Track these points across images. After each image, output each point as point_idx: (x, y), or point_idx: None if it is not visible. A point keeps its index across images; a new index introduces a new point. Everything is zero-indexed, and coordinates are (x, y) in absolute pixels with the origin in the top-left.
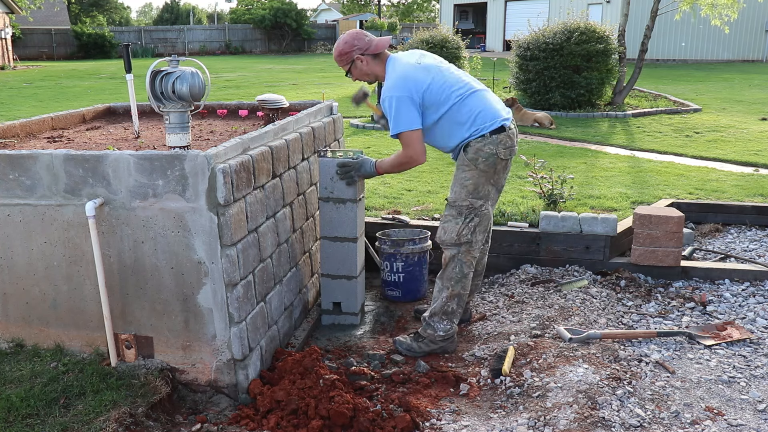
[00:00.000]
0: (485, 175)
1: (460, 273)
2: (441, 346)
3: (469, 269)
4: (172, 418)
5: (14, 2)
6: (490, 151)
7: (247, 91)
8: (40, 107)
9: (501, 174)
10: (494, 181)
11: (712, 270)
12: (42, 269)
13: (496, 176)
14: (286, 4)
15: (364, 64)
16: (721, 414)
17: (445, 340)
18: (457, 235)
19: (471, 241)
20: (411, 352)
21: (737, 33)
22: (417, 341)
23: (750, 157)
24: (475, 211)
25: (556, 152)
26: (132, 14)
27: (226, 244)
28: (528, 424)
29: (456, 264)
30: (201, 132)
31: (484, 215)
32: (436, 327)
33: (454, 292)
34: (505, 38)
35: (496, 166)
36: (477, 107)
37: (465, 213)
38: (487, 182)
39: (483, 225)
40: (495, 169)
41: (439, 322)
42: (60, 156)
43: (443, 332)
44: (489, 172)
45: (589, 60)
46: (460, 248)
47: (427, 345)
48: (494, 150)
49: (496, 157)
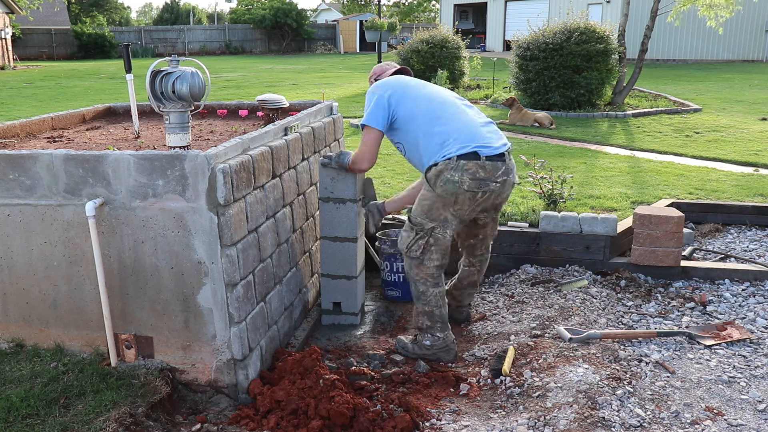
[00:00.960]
0: (442, 200)
1: (417, 291)
2: (433, 353)
3: (425, 287)
4: (172, 418)
5: (14, 2)
6: (450, 178)
7: (248, 91)
8: (40, 107)
9: (465, 207)
10: (454, 212)
11: (712, 270)
12: (42, 269)
13: (456, 207)
14: (286, 4)
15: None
16: (721, 414)
17: (434, 349)
18: (407, 248)
19: (421, 259)
20: (405, 352)
21: (737, 33)
22: (413, 343)
23: (750, 157)
24: (426, 232)
25: (556, 152)
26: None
27: (226, 244)
28: (528, 424)
29: (412, 282)
30: (201, 132)
31: (437, 239)
32: (424, 337)
33: (419, 309)
34: (505, 38)
35: (457, 197)
36: (451, 124)
37: (416, 230)
38: (443, 208)
39: (439, 249)
40: (456, 200)
41: (423, 334)
42: (60, 156)
43: (429, 342)
44: (447, 200)
45: (589, 60)
46: (411, 262)
47: (420, 350)
48: (456, 177)
49: (457, 186)
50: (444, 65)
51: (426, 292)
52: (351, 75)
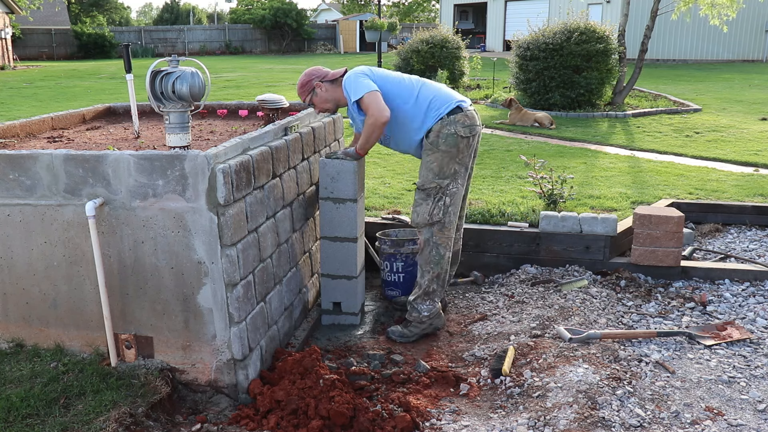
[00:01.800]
0: (448, 155)
1: (437, 255)
2: (429, 323)
3: (445, 250)
4: (172, 418)
5: (14, 2)
6: (449, 132)
7: (248, 91)
8: (40, 107)
9: (465, 153)
10: (459, 160)
11: (712, 270)
12: (42, 269)
13: (459, 155)
14: (286, 4)
15: (323, 91)
16: (721, 414)
17: (431, 318)
18: (429, 215)
19: (443, 221)
20: (404, 338)
21: (737, 33)
22: (407, 327)
23: (750, 157)
24: (443, 191)
25: (556, 152)
26: (132, 14)
27: (226, 244)
28: (528, 424)
29: (432, 247)
30: (201, 132)
31: (453, 194)
32: (420, 308)
33: (434, 273)
34: (505, 38)
35: (458, 145)
36: (428, 96)
37: (433, 194)
38: (451, 161)
39: (455, 205)
40: (458, 148)
41: (421, 303)
42: (60, 156)
43: (427, 312)
44: (452, 152)
45: (589, 60)
46: (433, 228)
47: (417, 327)
48: (453, 130)
49: (456, 137)
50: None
51: (445, 255)
52: None
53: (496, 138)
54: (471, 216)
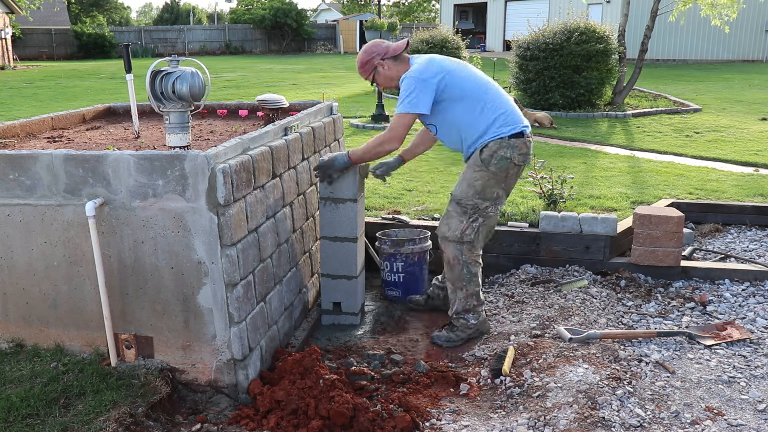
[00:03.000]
0: (495, 177)
1: (469, 273)
2: (476, 329)
3: (476, 268)
4: (172, 418)
5: (14, 2)
6: (504, 155)
7: (247, 91)
8: (40, 107)
9: (512, 179)
10: (504, 186)
11: (712, 270)
12: (42, 269)
13: (507, 181)
14: (286, 4)
15: (386, 69)
16: (721, 414)
17: (477, 324)
18: (461, 233)
19: (473, 241)
20: (451, 343)
21: (737, 33)
22: (453, 331)
23: (750, 157)
24: (480, 212)
25: (556, 152)
26: (132, 14)
27: (226, 244)
28: (528, 424)
29: (462, 266)
30: (201, 132)
31: (488, 217)
32: (467, 318)
33: (469, 291)
34: (505, 38)
35: (509, 171)
36: (500, 108)
37: (470, 212)
38: (497, 185)
39: (487, 227)
40: (507, 174)
41: (467, 314)
42: (60, 156)
43: (474, 320)
44: (500, 176)
45: (589, 60)
46: (463, 247)
47: (463, 332)
48: (509, 154)
49: (509, 162)
50: None
51: (477, 273)
52: (351, 75)
53: None
54: None
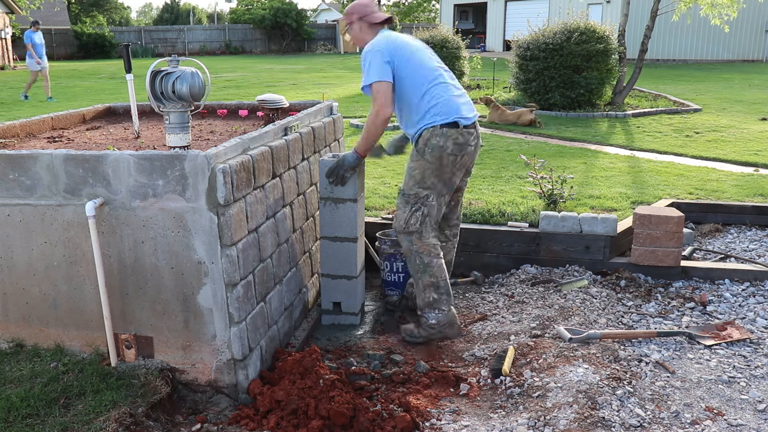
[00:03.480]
0: (431, 166)
1: (422, 263)
2: (438, 331)
3: (429, 258)
4: (172, 418)
5: (14, 2)
6: (436, 143)
7: (247, 91)
8: (40, 107)
9: (450, 169)
10: (440, 175)
11: (712, 270)
12: (42, 269)
13: (442, 170)
14: (286, 4)
15: (357, 29)
16: (721, 414)
17: (439, 326)
18: (405, 222)
19: (420, 231)
20: (411, 337)
21: (737, 33)
22: (417, 327)
23: (750, 157)
24: (421, 201)
25: (556, 152)
26: (132, 14)
27: (226, 244)
28: (528, 424)
29: (414, 256)
30: (201, 132)
31: (431, 206)
32: (428, 316)
33: (425, 282)
34: (505, 38)
35: (442, 160)
36: (437, 98)
37: (411, 202)
38: (432, 174)
39: (432, 216)
40: (441, 163)
41: (428, 312)
42: (60, 156)
43: (434, 320)
44: (434, 164)
45: (589, 60)
46: (411, 237)
47: (425, 331)
48: (442, 143)
49: (442, 150)
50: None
51: (431, 262)
52: (351, 75)
53: (496, 138)
54: (471, 216)
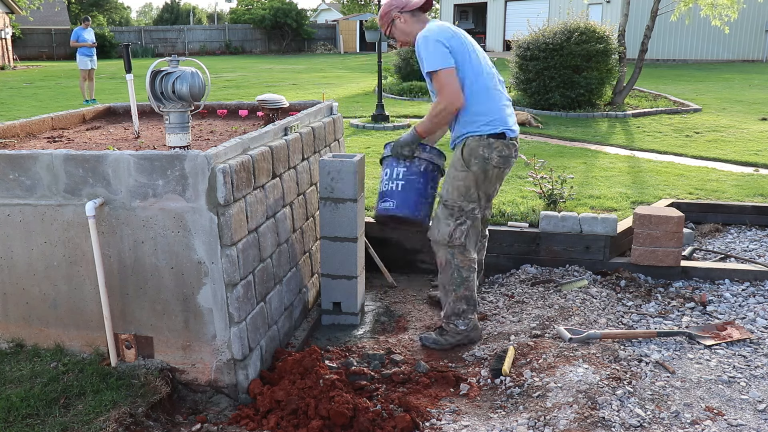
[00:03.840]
0: (477, 179)
1: (460, 277)
2: (465, 335)
3: (468, 272)
4: (172, 418)
5: (14, 2)
6: (482, 154)
7: (247, 91)
8: (40, 107)
9: (492, 182)
10: (485, 188)
11: (712, 270)
12: (42, 269)
13: (487, 183)
14: (286, 4)
15: (402, 22)
16: (721, 414)
17: (467, 331)
18: (450, 237)
19: (464, 244)
20: (437, 345)
21: (737, 33)
22: (441, 335)
23: (750, 157)
24: (466, 214)
25: (556, 152)
26: (132, 14)
27: (226, 244)
28: (528, 424)
29: (453, 269)
30: (201, 132)
31: (475, 218)
32: (456, 323)
33: (458, 294)
34: (505, 38)
35: (487, 173)
36: (489, 106)
37: (456, 215)
38: (478, 187)
39: (475, 231)
40: (486, 175)
41: (456, 319)
42: (60, 156)
43: (463, 327)
44: (480, 177)
45: (589, 60)
46: (454, 251)
47: (452, 337)
48: (488, 154)
49: (487, 162)
50: None
51: (469, 277)
52: (351, 75)
53: None
54: None
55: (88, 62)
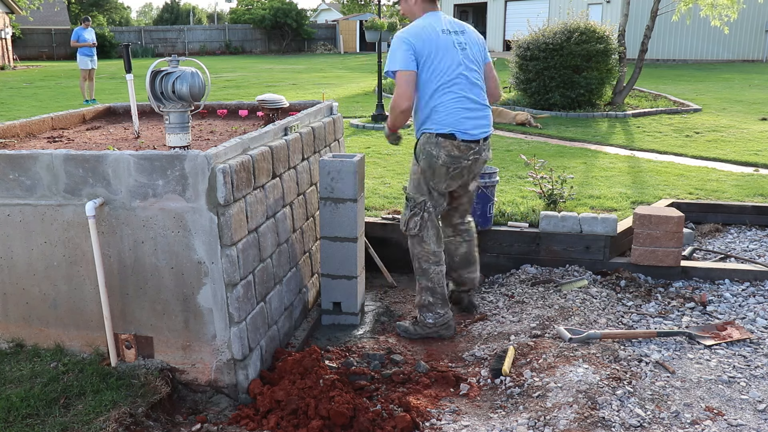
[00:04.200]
0: (424, 174)
1: (420, 268)
2: (434, 330)
3: (428, 264)
4: (172, 418)
5: (14, 2)
6: (429, 151)
7: (247, 91)
8: (40, 107)
9: (441, 179)
10: (434, 184)
11: (712, 270)
12: (42, 269)
13: (436, 178)
14: (286, 4)
15: (413, 3)
16: (721, 414)
17: (436, 326)
18: (405, 225)
19: (420, 236)
20: (407, 334)
21: (737, 33)
22: (413, 325)
23: (750, 157)
24: (419, 206)
25: (556, 152)
26: (132, 14)
27: (226, 244)
28: (528, 424)
29: (416, 260)
30: (201, 132)
31: (428, 212)
32: (426, 316)
33: (422, 285)
34: (505, 38)
35: (434, 170)
36: (442, 105)
37: (410, 206)
38: (426, 181)
39: (433, 224)
40: (434, 171)
41: (425, 312)
42: (60, 156)
43: (431, 320)
44: (428, 172)
45: (589, 60)
46: (413, 241)
47: (422, 329)
48: (435, 152)
49: (433, 159)
50: None
51: (428, 269)
52: (351, 75)
53: (496, 138)
54: None
55: (89, 62)
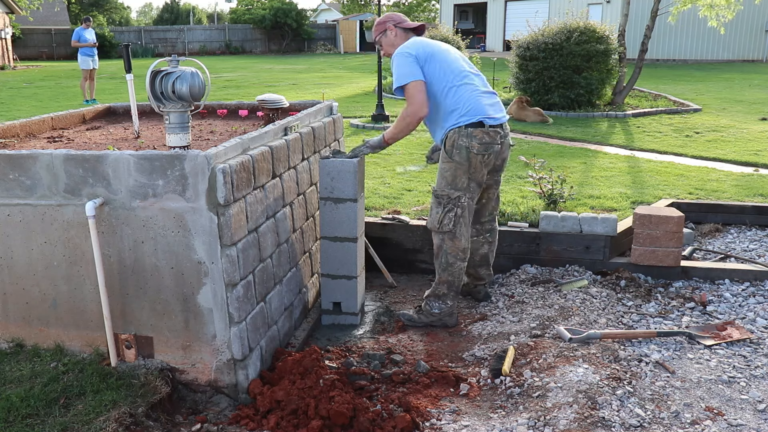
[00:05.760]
0: (461, 167)
1: (446, 262)
2: (438, 319)
3: (454, 259)
4: (172, 418)
5: (14, 2)
6: (462, 144)
7: (247, 91)
8: (40, 107)
9: (479, 169)
10: (471, 175)
11: (712, 270)
12: (42, 269)
13: (472, 170)
14: (286, 4)
15: (392, 34)
16: (721, 414)
17: (441, 315)
18: (438, 223)
19: (453, 231)
20: (411, 322)
21: (737, 33)
22: (417, 314)
23: (750, 157)
24: (453, 202)
25: (556, 152)
26: (132, 14)
27: (226, 244)
28: (528, 424)
29: (443, 254)
30: (201, 132)
31: (464, 206)
32: (432, 305)
33: (442, 278)
34: (505, 38)
35: (470, 160)
36: (462, 98)
37: (444, 203)
38: (464, 174)
39: (466, 216)
40: (470, 163)
41: (433, 301)
42: (60, 156)
43: (437, 309)
44: (464, 165)
45: (588, 60)
46: (444, 237)
47: (426, 317)
48: (468, 143)
49: (468, 151)
50: None
51: (454, 264)
52: (351, 75)
53: None
54: None
55: (90, 62)
